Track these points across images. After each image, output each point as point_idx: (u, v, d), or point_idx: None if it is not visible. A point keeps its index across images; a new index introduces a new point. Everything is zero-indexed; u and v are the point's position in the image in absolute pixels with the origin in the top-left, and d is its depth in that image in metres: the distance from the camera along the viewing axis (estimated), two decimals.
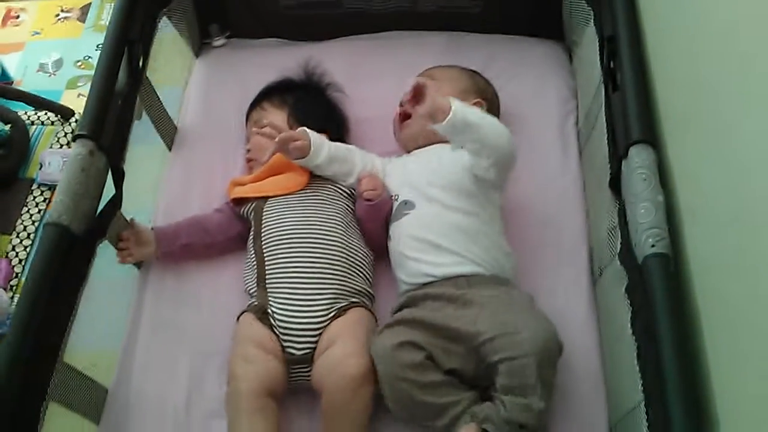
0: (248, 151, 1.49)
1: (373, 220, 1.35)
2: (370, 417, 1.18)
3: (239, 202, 1.41)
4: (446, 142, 1.37)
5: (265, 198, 1.38)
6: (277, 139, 1.32)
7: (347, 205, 1.39)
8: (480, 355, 1.13)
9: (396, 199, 1.34)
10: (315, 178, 1.39)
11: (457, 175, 1.30)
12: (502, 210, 1.35)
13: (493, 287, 1.22)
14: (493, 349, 1.11)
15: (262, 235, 1.32)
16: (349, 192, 1.41)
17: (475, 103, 1.40)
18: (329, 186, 1.39)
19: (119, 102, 1.29)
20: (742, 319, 0.88)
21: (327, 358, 1.18)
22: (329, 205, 1.36)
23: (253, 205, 1.38)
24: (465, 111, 1.20)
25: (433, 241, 1.25)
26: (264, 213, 1.35)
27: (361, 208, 1.36)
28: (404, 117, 1.45)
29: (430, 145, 1.40)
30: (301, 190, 1.37)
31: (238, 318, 1.28)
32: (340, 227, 1.33)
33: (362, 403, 1.15)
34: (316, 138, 1.36)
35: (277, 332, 1.22)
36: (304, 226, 1.31)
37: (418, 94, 1.24)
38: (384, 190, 1.35)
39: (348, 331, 1.21)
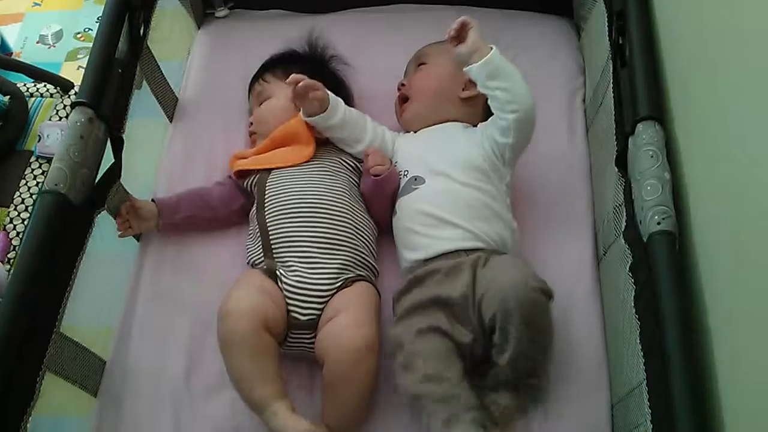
0: (251, 124, 1.47)
1: (379, 195, 1.33)
2: (371, 392, 1.17)
3: (242, 174, 1.40)
4: (449, 121, 1.36)
5: (269, 170, 1.36)
6: (299, 85, 1.29)
7: (352, 178, 1.37)
8: (480, 319, 1.13)
9: (405, 175, 1.33)
10: (319, 151, 1.38)
11: (468, 151, 1.29)
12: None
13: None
14: (484, 309, 1.12)
15: (266, 206, 1.31)
16: (353, 165, 1.39)
17: (471, 80, 1.38)
18: (334, 159, 1.38)
19: (119, 70, 1.27)
20: (746, 299, 0.87)
21: (331, 328, 1.17)
22: (334, 177, 1.34)
23: (257, 177, 1.37)
24: (502, 58, 1.25)
25: (440, 215, 1.24)
26: (267, 184, 1.34)
27: (367, 184, 1.34)
28: (403, 100, 1.43)
29: (432, 125, 1.38)
30: (306, 162, 1.36)
31: None
32: (345, 199, 1.31)
33: (364, 374, 1.14)
34: (333, 96, 1.35)
35: (284, 294, 1.22)
36: (309, 197, 1.30)
37: (462, 32, 1.26)
38: (391, 164, 1.34)
39: (353, 302, 1.20)
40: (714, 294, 0.96)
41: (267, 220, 1.29)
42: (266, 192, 1.33)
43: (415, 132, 1.41)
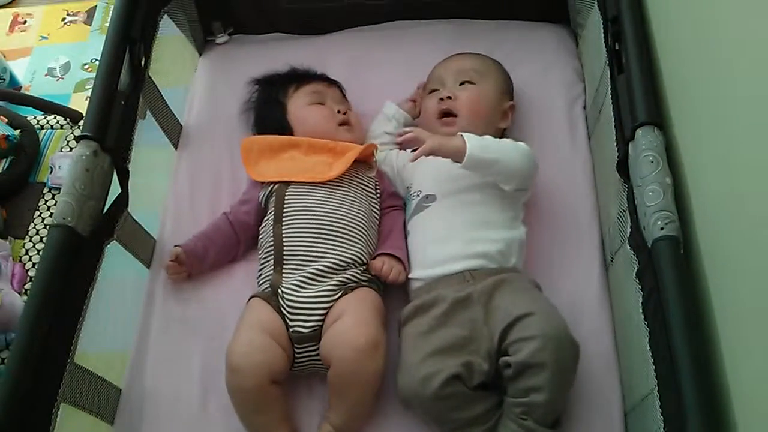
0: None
1: None
2: (377, 391, 1.17)
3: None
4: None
5: (287, 183, 1.36)
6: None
7: (371, 200, 1.38)
8: (496, 352, 1.13)
9: (417, 195, 1.34)
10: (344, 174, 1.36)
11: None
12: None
13: (496, 275, 1.21)
14: (506, 339, 1.11)
15: (284, 219, 1.31)
16: (373, 188, 1.39)
17: (509, 107, 1.42)
18: (354, 181, 1.37)
19: (122, 102, 1.28)
20: (752, 301, 0.86)
21: (334, 330, 1.18)
22: (354, 199, 1.34)
23: (274, 188, 1.37)
24: (482, 149, 1.23)
25: (447, 231, 1.26)
26: (287, 197, 1.34)
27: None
28: (446, 114, 1.41)
29: None
30: (329, 182, 1.35)
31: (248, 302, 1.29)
32: (363, 222, 1.32)
33: (371, 373, 1.14)
34: None
35: (285, 311, 1.22)
36: (329, 215, 1.30)
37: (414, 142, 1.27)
38: (402, 268, 1.29)
39: (355, 305, 1.21)
40: (720, 297, 0.96)
41: (284, 234, 1.29)
42: (285, 205, 1.33)
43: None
